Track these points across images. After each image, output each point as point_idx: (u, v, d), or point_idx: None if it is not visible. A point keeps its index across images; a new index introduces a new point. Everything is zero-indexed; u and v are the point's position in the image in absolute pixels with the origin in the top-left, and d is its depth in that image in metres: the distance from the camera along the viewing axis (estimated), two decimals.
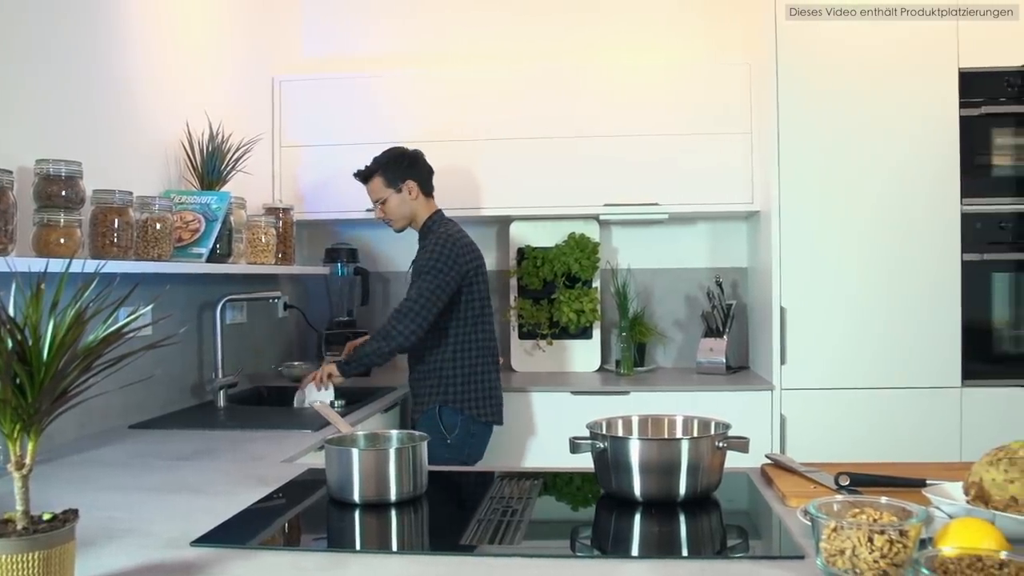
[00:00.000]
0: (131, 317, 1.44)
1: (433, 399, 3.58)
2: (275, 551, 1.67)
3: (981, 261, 3.86)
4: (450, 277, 3.51)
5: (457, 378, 3.58)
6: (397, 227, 3.79)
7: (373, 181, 3.71)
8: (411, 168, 3.71)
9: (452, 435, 3.54)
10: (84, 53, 3.01)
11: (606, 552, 1.76)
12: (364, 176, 3.73)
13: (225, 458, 2.56)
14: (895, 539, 1.33)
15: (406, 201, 3.69)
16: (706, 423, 2.10)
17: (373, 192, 3.73)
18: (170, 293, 3.37)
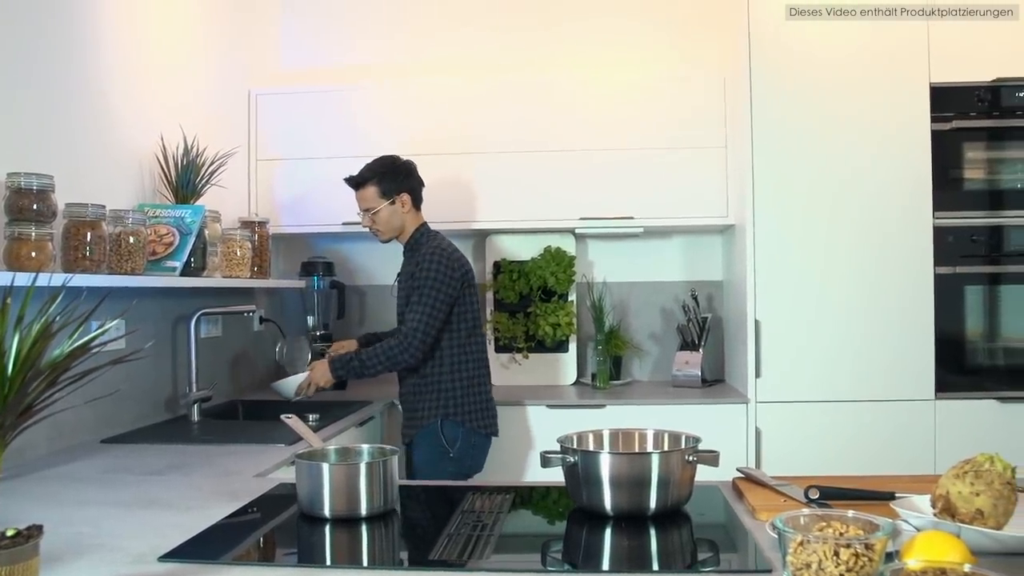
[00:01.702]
0: (98, 332, 1.43)
1: (433, 413, 3.51)
2: (244, 566, 1.66)
3: (954, 274, 3.88)
4: (448, 292, 3.48)
5: (456, 391, 3.53)
6: (384, 238, 3.70)
7: (366, 189, 3.61)
8: (407, 179, 3.65)
9: (455, 448, 3.49)
10: (58, 66, 3.00)
11: (576, 566, 1.75)
12: (357, 183, 3.63)
13: (197, 473, 2.55)
14: (861, 553, 1.33)
15: (397, 213, 3.62)
16: (676, 437, 2.10)
17: (364, 200, 3.63)
18: (144, 307, 3.36)
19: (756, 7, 3.95)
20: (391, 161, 3.67)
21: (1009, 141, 3.91)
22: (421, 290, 3.45)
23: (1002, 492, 1.61)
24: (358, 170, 3.66)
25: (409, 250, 3.68)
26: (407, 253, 3.69)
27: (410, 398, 3.61)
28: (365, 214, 3.64)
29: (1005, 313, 3.93)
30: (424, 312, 3.42)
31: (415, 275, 3.50)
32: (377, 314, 4.91)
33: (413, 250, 3.64)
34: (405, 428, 3.64)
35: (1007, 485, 1.63)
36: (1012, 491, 1.63)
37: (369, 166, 3.64)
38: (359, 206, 3.66)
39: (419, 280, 3.47)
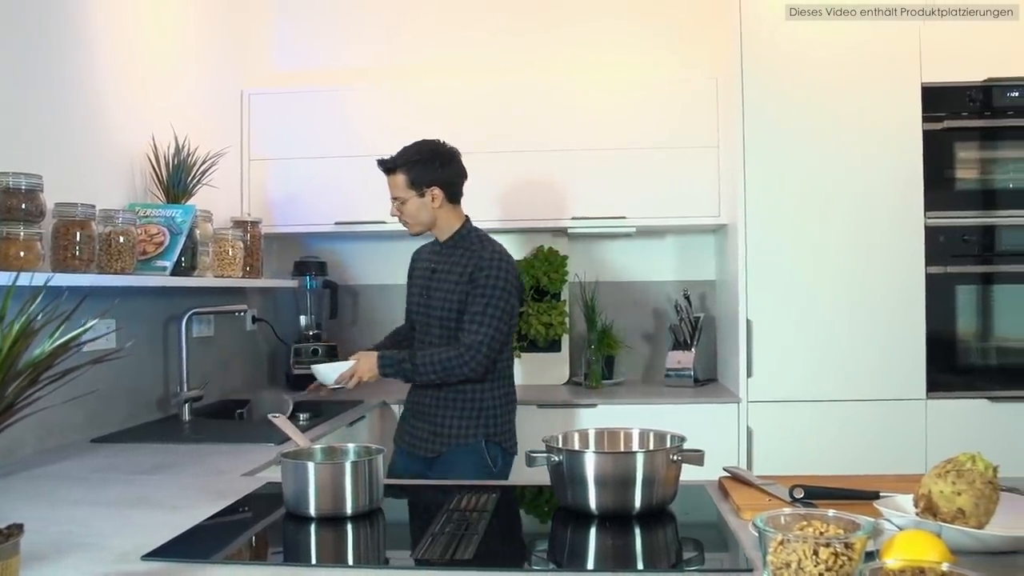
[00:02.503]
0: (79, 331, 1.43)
1: (474, 433, 3.23)
2: (228, 565, 1.66)
3: (945, 274, 3.89)
4: (514, 304, 3.23)
5: (499, 412, 3.28)
6: (413, 231, 3.36)
7: (396, 176, 3.26)
8: (442, 170, 3.28)
9: (497, 467, 3.25)
10: (50, 66, 3.00)
11: (561, 565, 1.76)
12: (388, 168, 3.28)
13: (185, 472, 2.55)
14: (840, 552, 1.33)
15: (427, 207, 3.27)
16: (662, 436, 2.11)
17: (394, 188, 3.28)
18: (135, 306, 3.38)
19: (748, 8, 3.95)
20: (429, 148, 3.31)
21: (1000, 141, 3.92)
22: (488, 299, 3.15)
23: (983, 491, 1.61)
24: (392, 153, 3.33)
25: (452, 247, 3.32)
26: (447, 250, 3.33)
27: (438, 411, 3.27)
28: (394, 202, 3.31)
29: (996, 313, 3.93)
30: (491, 325, 3.13)
31: (475, 279, 3.18)
32: (370, 314, 4.92)
33: (458, 248, 3.31)
34: (425, 442, 3.29)
35: (989, 484, 1.63)
36: (994, 490, 1.64)
37: (404, 150, 3.29)
38: (389, 192, 3.31)
39: (483, 287, 3.16)
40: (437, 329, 3.26)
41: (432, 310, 3.27)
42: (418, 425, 3.32)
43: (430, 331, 3.29)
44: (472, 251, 3.26)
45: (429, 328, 3.30)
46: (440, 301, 3.25)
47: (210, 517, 1.97)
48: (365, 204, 4.39)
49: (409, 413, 3.40)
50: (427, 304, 3.30)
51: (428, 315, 3.29)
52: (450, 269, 3.26)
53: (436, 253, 3.37)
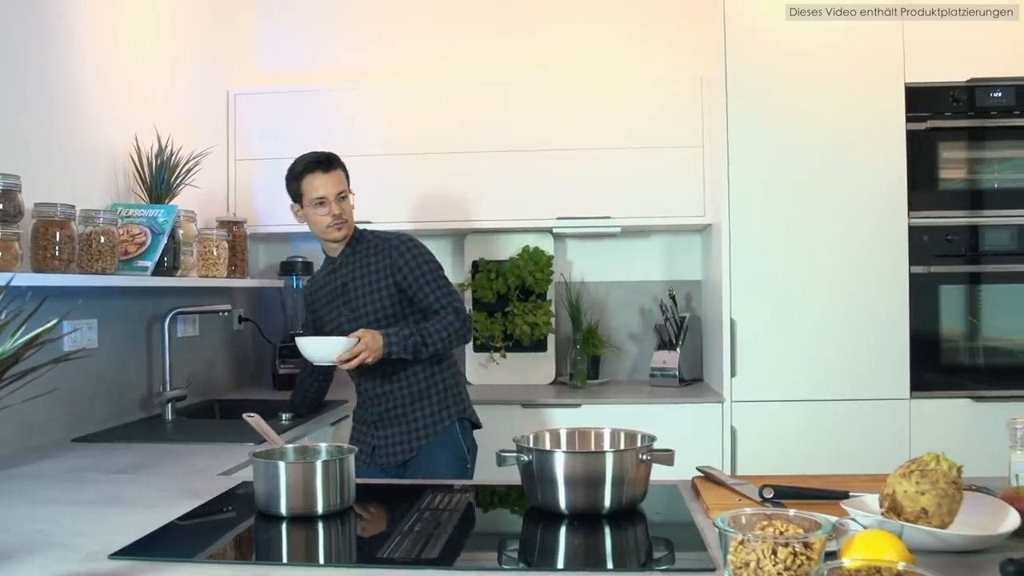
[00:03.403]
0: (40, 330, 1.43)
1: (450, 414, 3.23)
2: (194, 564, 1.66)
3: (928, 274, 3.89)
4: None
5: (461, 386, 3.33)
6: (344, 233, 3.23)
7: (338, 170, 3.21)
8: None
9: (468, 444, 3.26)
10: (32, 66, 3.01)
11: (531, 565, 1.76)
12: (331, 161, 3.21)
13: (163, 471, 2.56)
14: (799, 551, 1.34)
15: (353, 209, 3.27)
16: (632, 436, 2.11)
17: (337, 183, 3.18)
18: (118, 306, 3.39)
19: (732, 9, 3.95)
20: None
21: (984, 141, 3.92)
22: (429, 269, 3.18)
23: (947, 491, 1.62)
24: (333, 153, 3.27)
25: (352, 254, 3.27)
26: (349, 259, 3.26)
27: (414, 406, 3.23)
28: (336, 201, 3.17)
29: (980, 313, 3.94)
30: (451, 288, 3.20)
31: (402, 263, 3.15)
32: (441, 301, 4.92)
33: (358, 251, 3.26)
34: (399, 445, 3.23)
35: (952, 484, 1.64)
36: (957, 490, 1.64)
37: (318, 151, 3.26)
38: (330, 191, 3.17)
39: (417, 263, 3.17)
40: (377, 326, 3.14)
41: (365, 316, 3.19)
42: (389, 432, 3.24)
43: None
44: (375, 243, 3.25)
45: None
46: (370, 304, 3.20)
47: (181, 516, 1.97)
48: None
49: (372, 425, 3.29)
50: (355, 317, 3.21)
51: (365, 323, 3.17)
52: (364, 272, 3.22)
53: (339, 268, 3.29)
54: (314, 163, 3.18)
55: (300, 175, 3.20)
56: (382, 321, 3.17)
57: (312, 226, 3.24)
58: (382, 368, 3.17)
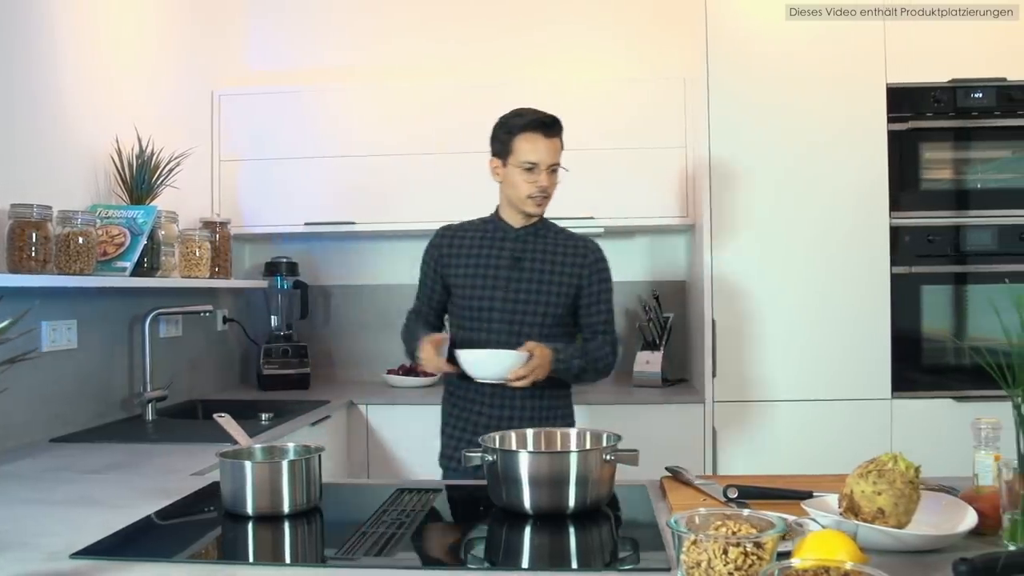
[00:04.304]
0: None
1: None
2: (158, 563, 1.66)
3: (910, 274, 3.90)
4: None
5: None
6: (543, 210, 2.95)
7: (559, 139, 2.88)
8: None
9: None
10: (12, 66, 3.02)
11: (496, 564, 1.76)
12: (555, 125, 2.87)
13: (137, 471, 2.56)
14: (750, 551, 1.34)
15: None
16: (598, 436, 2.12)
17: (554, 153, 2.86)
18: (99, 306, 3.39)
19: (714, 9, 3.96)
20: None
21: (965, 142, 3.93)
22: (610, 293, 2.99)
23: (904, 491, 1.63)
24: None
25: (538, 232, 2.98)
26: (533, 235, 2.97)
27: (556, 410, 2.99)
28: (547, 172, 2.85)
29: (961, 313, 3.94)
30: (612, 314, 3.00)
31: (597, 268, 2.95)
32: (343, 314, 4.93)
33: (548, 233, 3.00)
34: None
35: (909, 484, 1.65)
36: (914, 490, 1.65)
37: (538, 112, 2.87)
38: (544, 159, 2.84)
39: (606, 277, 2.98)
40: (535, 328, 2.86)
41: (535, 306, 2.86)
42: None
43: (520, 330, 2.86)
44: (564, 237, 3.00)
45: (519, 327, 2.86)
46: (544, 296, 2.87)
47: (148, 516, 1.98)
48: (334, 205, 4.42)
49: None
50: (518, 301, 2.86)
51: (524, 311, 2.86)
52: (548, 260, 2.91)
53: (515, 240, 2.95)
54: (536, 123, 2.81)
55: (515, 131, 2.84)
56: (546, 320, 2.87)
57: (508, 188, 2.91)
58: (514, 390, 2.81)
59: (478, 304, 2.89)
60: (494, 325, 2.86)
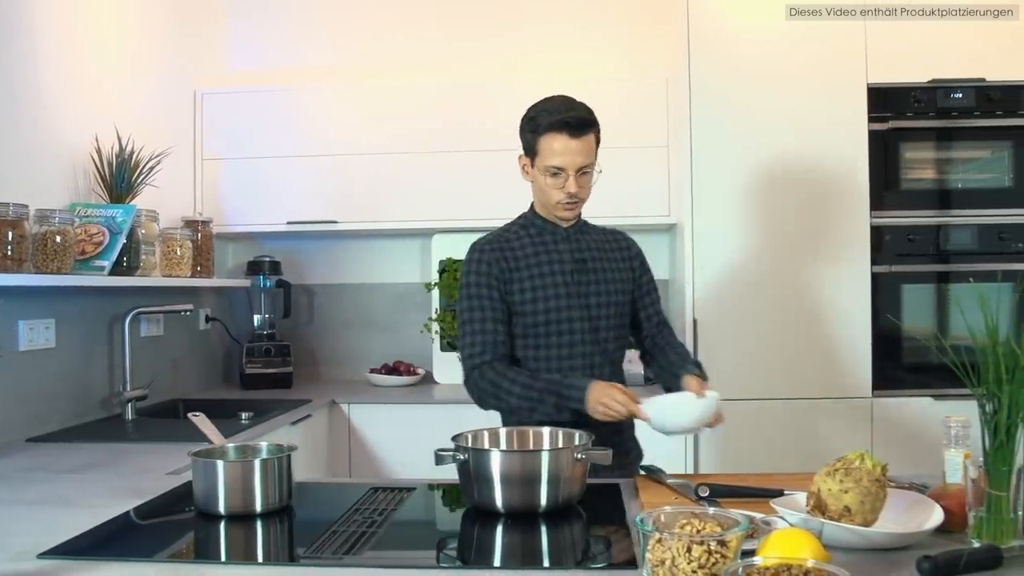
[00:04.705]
0: None
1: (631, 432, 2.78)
2: (127, 563, 1.65)
3: (891, 273, 3.91)
4: None
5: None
6: (575, 214, 2.69)
7: (589, 135, 2.53)
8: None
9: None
10: None
11: (468, 563, 1.77)
12: (584, 122, 2.52)
13: (112, 471, 2.55)
14: (714, 549, 1.35)
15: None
16: (570, 435, 2.12)
17: (584, 153, 2.52)
18: (77, 305, 3.38)
19: (696, 10, 3.97)
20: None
21: (945, 141, 3.94)
22: (652, 276, 2.84)
23: (870, 489, 1.64)
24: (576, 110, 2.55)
25: (581, 231, 2.75)
26: (581, 235, 2.73)
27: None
28: (580, 175, 2.55)
29: (941, 312, 3.96)
30: None
31: (643, 263, 2.81)
32: (327, 313, 4.93)
33: (590, 231, 2.78)
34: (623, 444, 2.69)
35: (876, 482, 1.65)
36: (881, 488, 1.66)
37: (577, 104, 2.57)
38: (573, 162, 2.52)
39: (649, 270, 2.83)
40: (612, 331, 2.68)
41: (608, 308, 2.66)
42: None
43: (602, 336, 2.65)
44: (609, 232, 2.82)
45: (603, 332, 2.65)
46: (613, 296, 2.67)
47: (119, 515, 1.97)
48: (317, 204, 4.43)
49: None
50: (597, 301, 2.64)
51: (602, 315, 2.64)
52: (607, 258, 2.71)
53: (569, 239, 2.70)
54: (561, 124, 2.49)
55: (540, 130, 2.55)
56: (621, 320, 2.71)
57: (537, 191, 2.67)
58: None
59: (555, 317, 2.59)
60: (576, 336, 2.60)
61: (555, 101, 2.55)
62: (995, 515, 1.61)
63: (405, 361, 4.63)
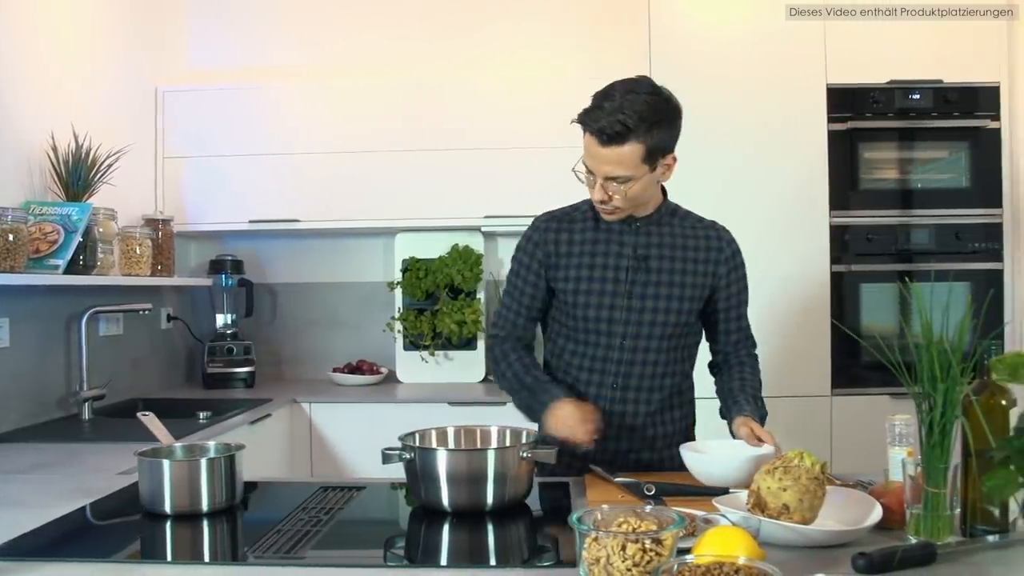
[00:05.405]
0: None
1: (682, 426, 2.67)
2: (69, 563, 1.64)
3: (849, 272, 3.95)
4: None
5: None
6: (617, 218, 2.42)
7: (625, 146, 2.22)
8: (678, 128, 2.37)
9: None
10: None
11: (415, 562, 1.77)
12: (619, 134, 2.21)
13: (62, 471, 2.54)
14: (648, 547, 1.35)
15: (653, 184, 2.39)
16: (518, 434, 2.13)
17: (615, 165, 2.25)
18: (31, 304, 3.35)
19: (656, 10, 3.99)
20: (666, 99, 2.34)
21: (903, 142, 3.99)
22: (746, 286, 2.62)
23: (808, 487, 1.65)
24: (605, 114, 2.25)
25: (658, 223, 2.48)
26: (654, 227, 2.47)
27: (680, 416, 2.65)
28: (608, 184, 2.29)
29: (899, 310, 3.99)
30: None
31: (734, 264, 2.57)
32: (290, 312, 4.91)
33: (671, 223, 2.51)
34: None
35: (815, 480, 1.67)
36: (819, 486, 1.67)
37: (632, 106, 2.23)
38: (599, 168, 2.29)
39: (743, 277, 2.59)
40: (659, 340, 2.46)
41: (664, 315, 2.43)
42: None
43: (643, 344, 2.45)
44: (692, 221, 2.57)
45: (644, 340, 2.45)
46: (681, 301, 2.44)
47: (65, 515, 1.96)
48: (280, 203, 4.41)
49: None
50: (652, 306, 2.43)
51: (651, 320, 2.43)
52: (677, 250, 2.46)
53: (631, 231, 2.46)
54: (595, 130, 2.25)
55: (583, 127, 2.31)
56: (675, 331, 2.47)
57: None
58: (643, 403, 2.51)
59: (595, 314, 2.43)
60: (615, 340, 2.43)
61: (606, 103, 2.26)
62: (932, 512, 1.63)
63: (368, 360, 4.63)
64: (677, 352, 2.50)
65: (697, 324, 2.56)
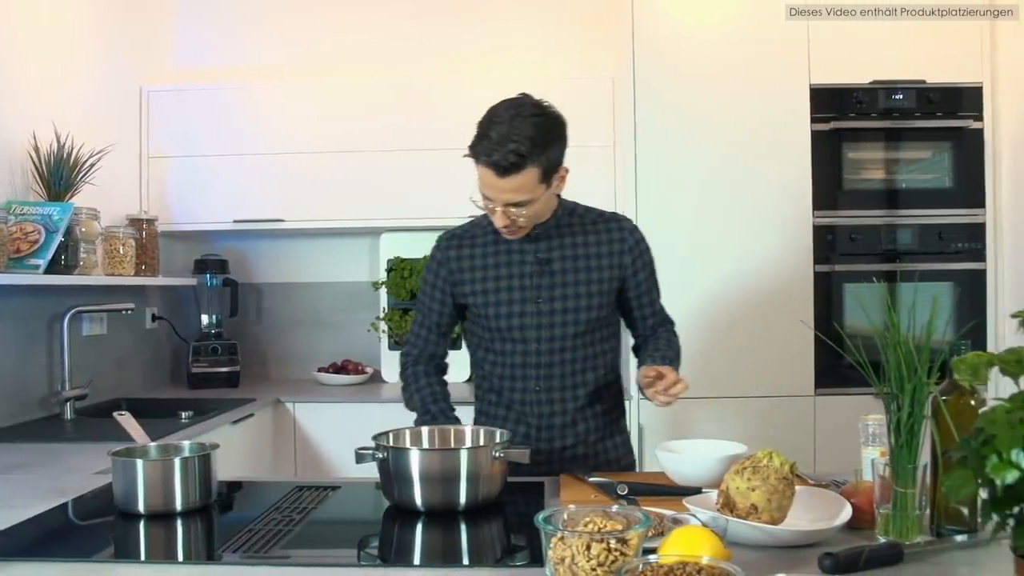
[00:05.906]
0: None
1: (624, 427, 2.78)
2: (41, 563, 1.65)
3: (832, 272, 3.95)
4: None
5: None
6: (520, 235, 2.46)
7: (523, 173, 2.25)
8: (565, 140, 2.40)
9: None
10: None
11: (388, 561, 1.77)
12: (514, 164, 2.23)
13: (39, 471, 2.53)
14: (613, 547, 1.36)
15: (551, 197, 2.44)
16: (491, 433, 2.13)
17: (517, 190, 2.28)
18: (12, 305, 3.35)
19: (640, 10, 3.99)
20: (552, 117, 2.37)
21: (886, 142, 3.99)
22: (654, 269, 2.65)
23: (777, 487, 1.65)
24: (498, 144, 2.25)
25: (558, 227, 2.52)
26: (554, 232, 2.51)
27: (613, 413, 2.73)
28: (507, 209, 2.33)
29: (881, 310, 3.98)
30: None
31: (638, 252, 2.58)
32: (275, 312, 4.91)
33: (571, 225, 2.55)
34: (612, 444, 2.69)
35: (783, 480, 1.67)
36: (788, 486, 1.67)
37: (522, 132, 2.24)
38: (499, 197, 2.32)
39: (649, 260, 2.62)
40: (574, 339, 2.51)
41: (574, 314, 2.48)
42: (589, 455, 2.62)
43: (558, 345, 2.51)
44: (591, 218, 2.59)
45: (559, 341, 2.50)
46: (584, 298, 2.49)
47: (39, 515, 1.96)
48: (264, 202, 4.41)
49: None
50: (562, 307, 2.48)
51: (563, 321, 2.49)
52: (577, 251, 2.51)
53: (537, 238, 2.50)
54: (491, 163, 2.26)
55: (476, 159, 2.33)
56: (589, 327, 2.52)
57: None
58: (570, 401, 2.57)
59: (507, 324, 2.49)
60: (530, 346, 2.49)
61: (493, 131, 2.27)
62: (901, 512, 1.64)
63: (353, 360, 4.63)
64: (595, 347, 2.57)
65: (614, 316, 2.63)
